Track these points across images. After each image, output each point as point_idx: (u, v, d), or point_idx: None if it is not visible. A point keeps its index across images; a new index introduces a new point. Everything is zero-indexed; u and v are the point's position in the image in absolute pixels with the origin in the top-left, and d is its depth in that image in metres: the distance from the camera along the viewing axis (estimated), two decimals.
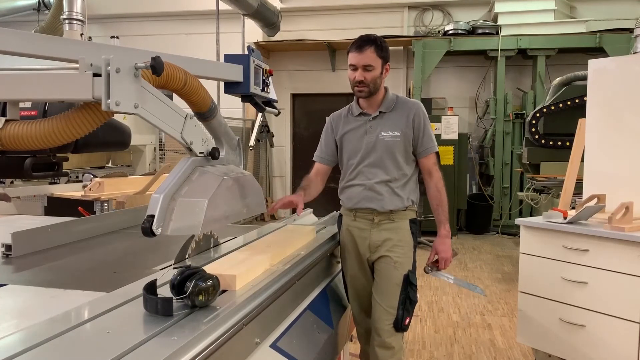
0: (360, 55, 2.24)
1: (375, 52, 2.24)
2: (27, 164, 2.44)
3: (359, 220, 2.36)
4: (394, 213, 2.32)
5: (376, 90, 2.31)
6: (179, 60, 1.45)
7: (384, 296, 2.28)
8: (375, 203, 2.31)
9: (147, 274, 1.58)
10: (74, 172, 5.11)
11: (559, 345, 2.86)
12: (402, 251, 2.30)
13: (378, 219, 2.32)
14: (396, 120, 2.33)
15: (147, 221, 1.36)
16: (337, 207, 2.51)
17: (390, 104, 2.36)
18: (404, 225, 2.33)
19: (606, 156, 3.06)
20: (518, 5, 7.88)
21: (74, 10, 3.94)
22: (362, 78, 2.25)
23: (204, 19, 8.82)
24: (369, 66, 2.24)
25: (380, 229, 2.32)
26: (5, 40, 1.18)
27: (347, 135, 2.40)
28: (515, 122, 7.94)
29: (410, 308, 2.29)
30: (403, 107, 2.35)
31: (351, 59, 2.27)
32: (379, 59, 2.26)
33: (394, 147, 2.31)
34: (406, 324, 2.28)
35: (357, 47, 2.26)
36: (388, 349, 2.26)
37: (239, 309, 1.34)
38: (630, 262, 2.56)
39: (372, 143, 2.33)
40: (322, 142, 2.51)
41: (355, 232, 2.36)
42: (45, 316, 1.23)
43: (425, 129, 2.34)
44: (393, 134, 2.31)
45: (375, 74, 2.26)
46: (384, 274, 2.29)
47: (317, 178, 2.49)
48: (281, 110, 2.76)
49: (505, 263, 6.10)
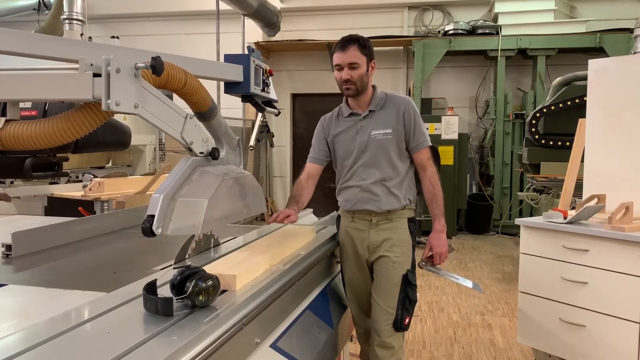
0: (345, 54, 2.26)
1: (359, 49, 2.26)
2: (27, 164, 2.44)
3: (357, 222, 2.36)
4: (392, 213, 2.32)
5: (363, 88, 2.32)
6: (179, 60, 1.45)
7: (383, 296, 2.28)
8: (372, 204, 2.31)
9: (147, 274, 1.59)
10: (74, 172, 5.12)
11: (559, 345, 2.86)
12: (400, 251, 2.30)
13: (376, 220, 2.32)
14: (387, 118, 2.33)
15: (147, 221, 1.36)
16: (337, 207, 2.51)
17: (380, 101, 2.36)
18: (402, 225, 2.33)
19: (606, 156, 3.06)
20: (518, 5, 7.88)
21: (74, 10, 3.95)
22: (348, 76, 2.27)
23: (204, 19, 8.82)
24: (354, 64, 2.26)
25: (378, 230, 2.32)
26: (5, 40, 1.18)
27: (339, 136, 2.41)
28: (515, 122, 7.94)
29: (409, 307, 2.29)
30: (392, 104, 2.35)
31: (336, 59, 2.29)
32: (364, 56, 2.27)
33: (386, 144, 2.31)
34: (406, 324, 2.28)
35: (340, 47, 2.28)
36: (388, 349, 2.26)
37: (239, 309, 1.34)
38: (630, 262, 2.56)
39: (364, 142, 2.33)
40: (314, 144, 2.52)
41: (354, 233, 2.37)
42: (45, 316, 1.23)
43: (417, 124, 2.33)
44: (384, 132, 2.31)
45: (361, 71, 2.27)
46: (383, 274, 2.29)
47: (308, 182, 2.49)
48: (281, 110, 2.76)
49: (505, 263, 6.10)
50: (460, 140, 7.67)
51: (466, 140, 7.90)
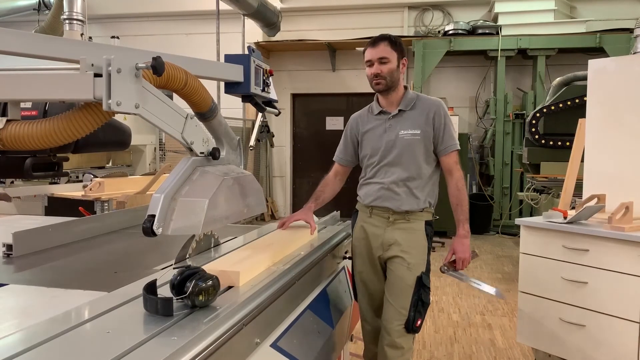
0: (375, 50, 2.29)
1: (389, 45, 2.29)
2: (27, 164, 2.44)
3: (374, 218, 2.36)
4: (410, 214, 2.31)
5: (394, 84, 2.32)
6: (179, 61, 1.46)
7: (397, 297, 2.27)
8: (392, 202, 2.31)
9: (147, 273, 1.59)
10: (74, 172, 5.12)
11: (559, 345, 2.86)
12: (416, 252, 2.29)
13: (393, 218, 2.32)
14: (416, 119, 2.32)
15: (147, 221, 1.36)
16: (338, 207, 2.52)
17: (410, 102, 2.35)
18: (419, 227, 2.32)
19: (606, 156, 3.06)
20: (518, 5, 7.89)
21: (74, 11, 3.95)
22: (378, 71, 2.28)
23: (204, 19, 8.82)
24: (384, 58, 2.27)
25: (394, 228, 2.32)
26: (6, 40, 1.18)
27: (368, 134, 2.41)
28: (515, 122, 7.94)
29: (422, 310, 2.28)
30: (423, 106, 2.35)
31: (367, 56, 2.32)
32: (394, 52, 2.29)
33: (413, 145, 2.30)
34: (417, 326, 2.27)
35: (371, 43, 2.32)
36: (397, 349, 2.25)
37: (239, 309, 1.34)
38: (630, 262, 2.56)
39: (391, 141, 2.33)
40: (341, 143, 2.54)
41: (370, 229, 2.37)
42: (46, 316, 1.23)
43: (446, 127, 2.32)
44: (413, 132, 2.31)
45: (392, 66, 2.28)
46: (397, 274, 2.29)
47: (335, 178, 2.54)
48: (281, 110, 2.76)
49: (505, 263, 6.10)
50: (461, 140, 7.62)
51: (466, 140, 7.90)
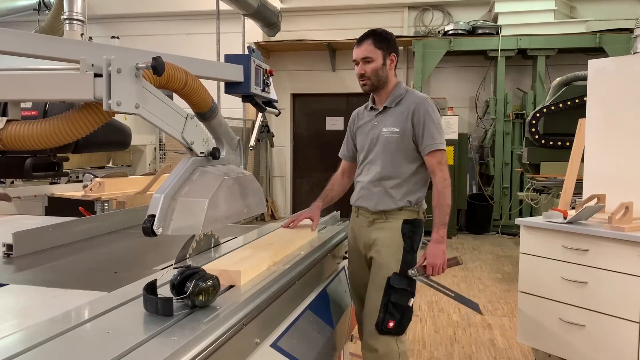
0: (359, 49, 2.25)
1: (373, 43, 2.23)
2: (27, 164, 2.45)
3: (360, 217, 2.37)
4: (388, 213, 2.27)
5: (380, 83, 2.27)
6: (179, 61, 1.46)
7: (369, 297, 2.26)
8: (368, 202, 2.31)
9: (147, 273, 1.59)
10: (75, 172, 5.12)
11: (559, 345, 2.86)
12: (386, 252, 2.24)
13: (372, 218, 2.31)
14: (398, 116, 2.27)
15: (148, 221, 1.36)
16: (338, 207, 2.52)
17: (396, 98, 2.29)
18: (395, 226, 2.26)
19: (606, 156, 3.06)
20: (518, 6, 7.88)
21: (74, 11, 3.95)
22: (362, 71, 2.25)
23: (204, 19, 8.82)
24: (367, 58, 2.23)
25: (374, 228, 2.30)
26: (6, 40, 1.18)
27: (359, 130, 2.42)
28: (515, 122, 7.93)
29: (394, 311, 2.17)
30: (407, 102, 2.27)
31: (353, 55, 2.29)
32: (378, 50, 2.23)
33: (392, 143, 2.25)
34: (390, 327, 2.17)
35: (357, 41, 2.28)
36: (371, 352, 2.21)
37: (239, 309, 1.34)
38: (630, 262, 2.56)
39: (375, 139, 2.31)
40: (344, 139, 2.54)
41: (356, 228, 2.39)
42: (46, 316, 1.23)
43: (426, 125, 2.21)
44: (392, 130, 2.25)
45: (375, 65, 2.23)
46: (372, 274, 2.28)
47: (343, 176, 2.55)
48: (281, 111, 2.76)
49: (505, 263, 6.10)
50: (461, 140, 7.68)
51: (466, 140, 7.90)
